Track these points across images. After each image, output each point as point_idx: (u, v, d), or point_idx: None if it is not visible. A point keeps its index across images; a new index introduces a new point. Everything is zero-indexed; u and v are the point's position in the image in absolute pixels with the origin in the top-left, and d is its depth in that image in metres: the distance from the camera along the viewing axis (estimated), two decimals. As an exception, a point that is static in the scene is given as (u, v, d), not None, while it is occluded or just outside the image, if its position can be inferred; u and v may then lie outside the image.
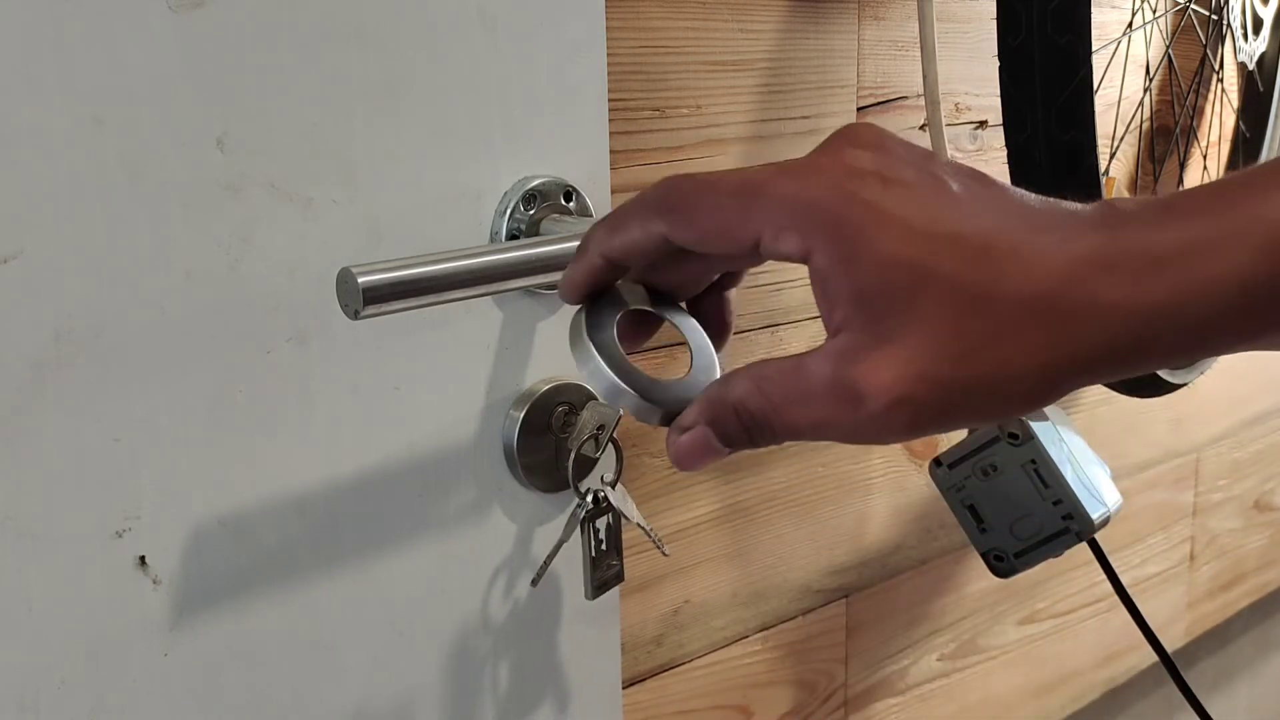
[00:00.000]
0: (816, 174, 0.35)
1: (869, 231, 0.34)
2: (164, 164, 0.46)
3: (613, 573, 0.62)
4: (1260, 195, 0.33)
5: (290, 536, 0.52)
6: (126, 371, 0.46)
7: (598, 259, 0.40)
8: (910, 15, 0.89)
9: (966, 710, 1.11)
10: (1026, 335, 0.34)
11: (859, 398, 0.34)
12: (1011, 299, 0.33)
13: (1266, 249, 0.33)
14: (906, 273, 0.34)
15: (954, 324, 0.34)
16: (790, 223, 0.35)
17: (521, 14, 0.55)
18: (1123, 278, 0.33)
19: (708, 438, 0.38)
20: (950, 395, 0.34)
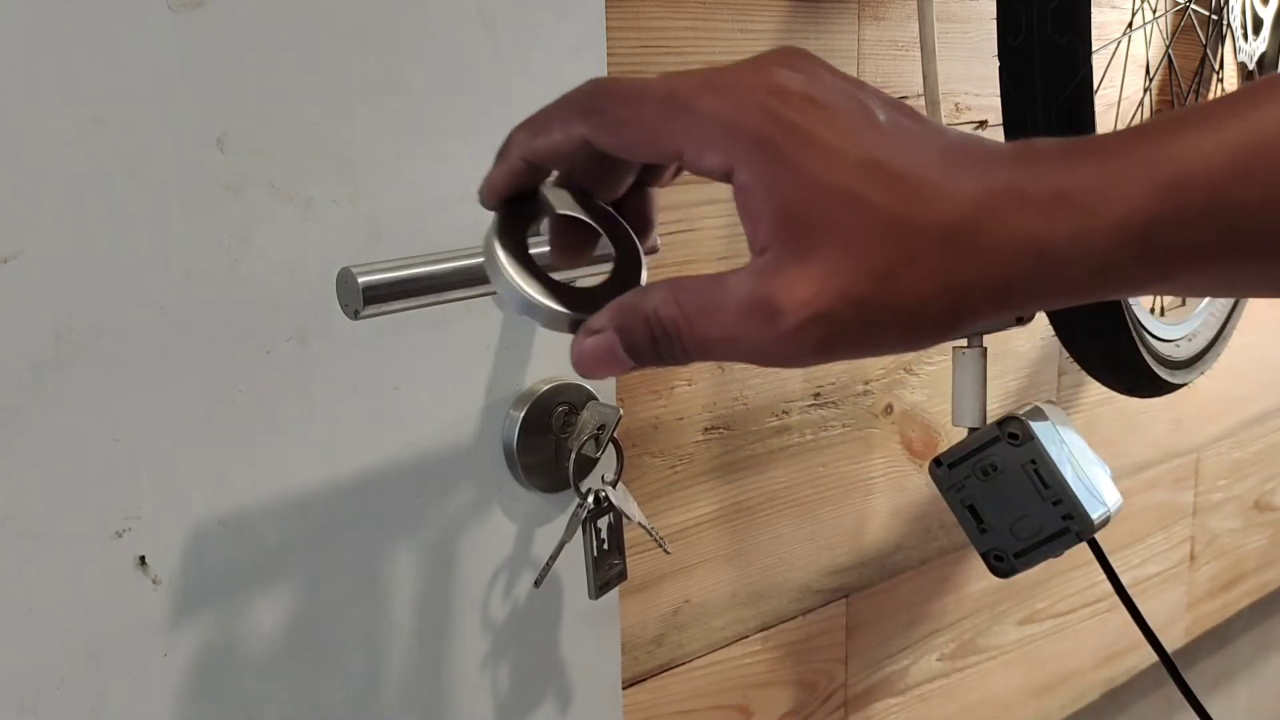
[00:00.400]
0: (744, 91, 0.35)
1: (794, 153, 0.34)
2: (164, 164, 0.46)
3: (615, 572, 0.62)
4: (1172, 136, 0.34)
5: (290, 536, 0.52)
6: (127, 371, 0.46)
7: (518, 161, 0.39)
8: (910, 15, 0.89)
9: (966, 710, 1.11)
10: (941, 261, 0.34)
11: (775, 312, 0.34)
12: (929, 226, 0.34)
13: (1171, 186, 0.33)
14: (830, 194, 0.34)
15: (874, 246, 0.34)
16: (715, 139, 0.35)
17: (521, 14, 0.55)
18: (1031, 213, 0.34)
19: (613, 344, 0.37)
20: (864, 315, 0.35)
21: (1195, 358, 1.03)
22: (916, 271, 0.34)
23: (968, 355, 0.79)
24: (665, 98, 0.36)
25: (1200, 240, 0.34)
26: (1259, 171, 0.33)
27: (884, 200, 0.34)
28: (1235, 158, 0.33)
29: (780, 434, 0.87)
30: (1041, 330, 1.06)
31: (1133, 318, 0.87)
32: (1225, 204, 0.34)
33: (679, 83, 0.36)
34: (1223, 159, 0.33)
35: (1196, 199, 0.34)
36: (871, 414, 0.94)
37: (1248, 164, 0.33)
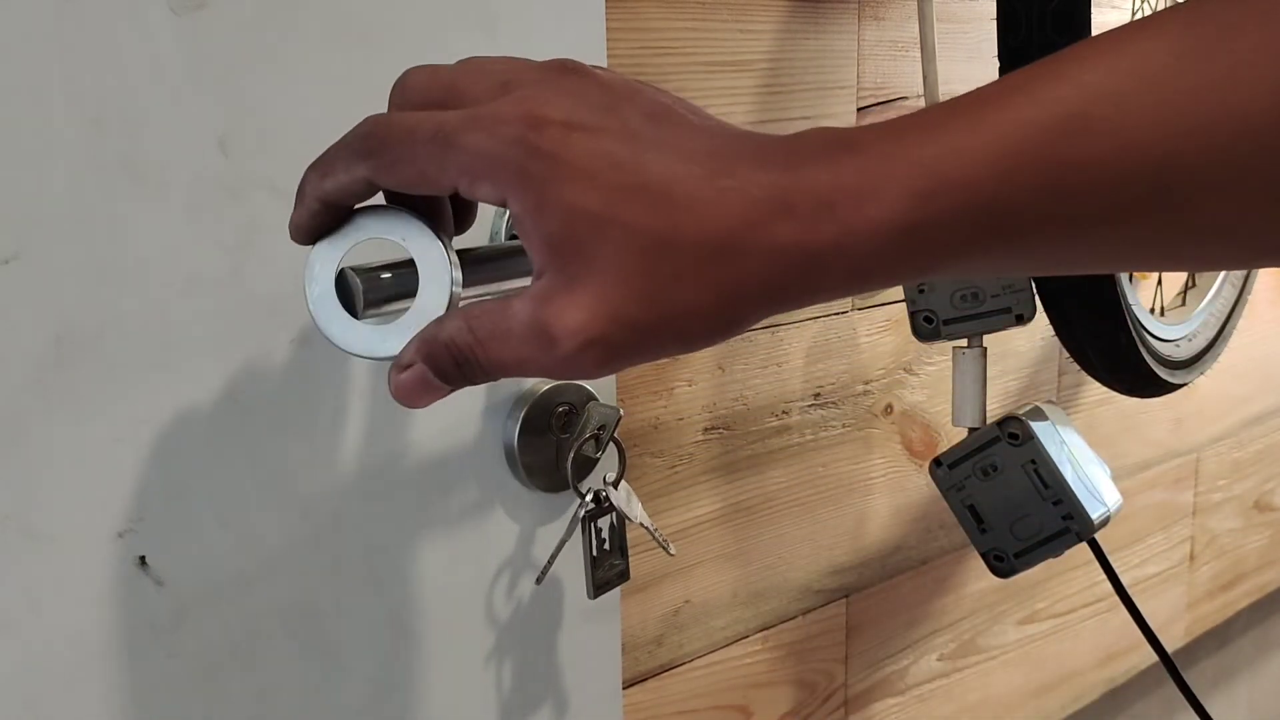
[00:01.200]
0: (504, 125, 0.36)
1: (552, 184, 0.35)
2: (165, 166, 0.46)
3: (615, 572, 0.62)
4: (933, 136, 0.35)
5: (291, 537, 0.52)
6: (128, 373, 0.46)
7: (314, 203, 0.40)
8: (910, 15, 0.89)
9: (966, 710, 1.11)
10: (706, 276, 0.35)
11: (552, 340, 0.36)
12: (692, 243, 0.35)
13: (927, 193, 0.34)
14: (589, 222, 0.35)
15: (638, 269, 0.35)
16: (482, 174, 0.36)
17: (521, 14, 0.55)
18: (794, 221, 0.35)
19: (425, 375, 0.39)
20: (636, 334, 0.36)
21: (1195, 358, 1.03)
22: (684, 287, 0.35)
23: (968, 355, 0.79)
24: (432, 136, 0.37)
25: (961, 239, 0.35)
26: (1017, 173, 0.34)
27: (645, 222, 0.35)
28: (992, 160, 0.34)
29: (780, 434, 0.87)
30: (1041, 330, 1.06)
31: (1133, 318, 0.87)
32: (983, 206, 0.34)
33: (445, 120, 0.37)
34: (979, 162, 0.34)
35: (953, 202, 0.34)
36: (871, 414, 0.94)
37: (1005, 166, 0.34)
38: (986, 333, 0.78)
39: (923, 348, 0.97)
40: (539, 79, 0.38)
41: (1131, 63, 0.34)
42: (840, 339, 0.91)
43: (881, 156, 0.35)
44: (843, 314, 0.91)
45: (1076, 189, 0.34)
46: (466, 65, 0.39)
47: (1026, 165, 0.34)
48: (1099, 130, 0.34)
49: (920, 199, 0.34)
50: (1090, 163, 0.34)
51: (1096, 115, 0.34)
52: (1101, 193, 0.34)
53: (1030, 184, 0.34)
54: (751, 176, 0.35)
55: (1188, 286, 1.14)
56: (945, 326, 0.78)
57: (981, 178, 0.34)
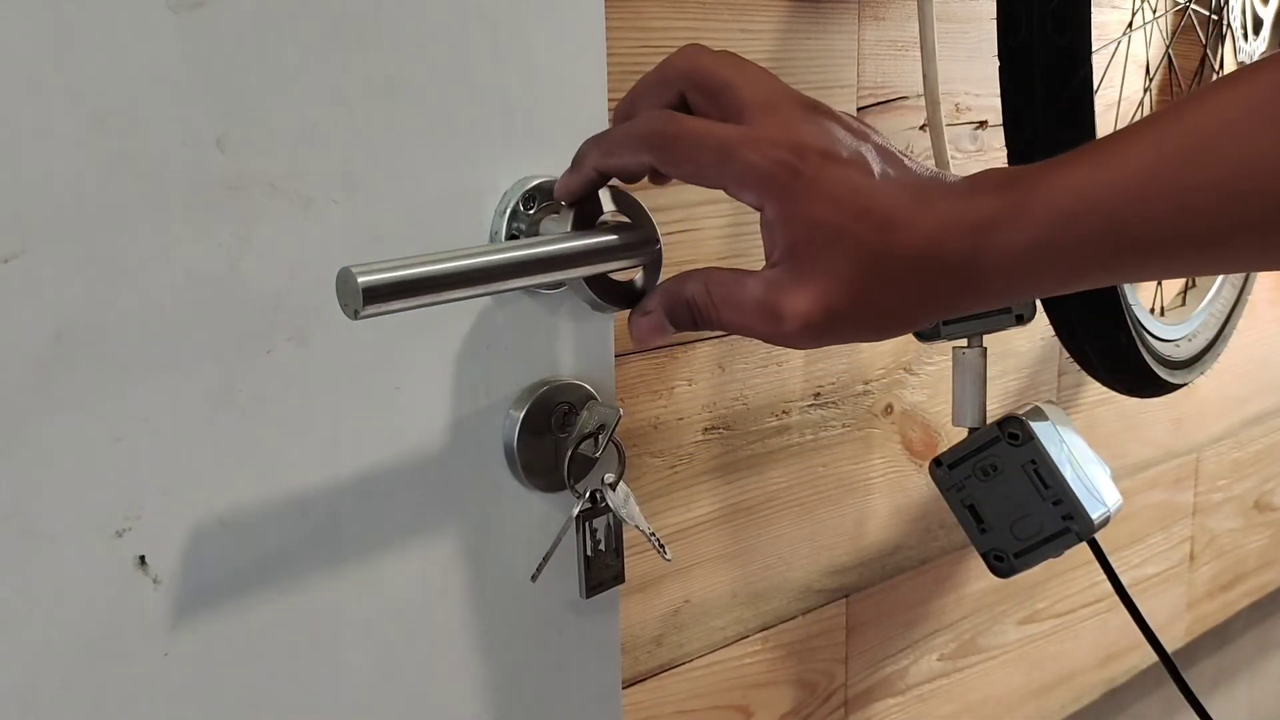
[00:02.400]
0: (775, 148, 0.45)
1: (805, 200, 0.45)
2: (164, 164, 0.46)
3: (610, 573, 0.62)
4: (1067, 170, 0.44)
5: (290, 536, 0.52)
6: (127, 371, 0.46)
7: (593, 173, 0.51)
8: (910, 15, 0.89)
9: (966, 710, 1.11)
10: (904, 284, 0.46)
11: (779, 317, 0.46)
12: (898, 257, 0.45)
13: (1064, 217, 0.43)
14: (827, 234, 0.45)
15: (856, 273, 0.45)
16: (749, 184, 0.46)
17: (521, 14, 0.55)
18: (966, 240, 0.45)
19: (662, 322, 0.50)
20: (843, 323, 0.46)
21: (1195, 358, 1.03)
22: (887, 292, 0.46)
23: (968, 355, 0.79)
24: (717, 147, 0.46)
25: (1099, 254, 0.44)
26: (1145, 197, 0.42)
27: (867, 237, 0.45)
28: (1123, 186, 0.42)
29: (780, 434, 0.87)
30: (1041, 330, 1.06)
31: (1133, 318, 0.87)
32: (1117, 226, 0.43)
33: (727, 134, 0.46)
34: (1113, 187, 0.43)
35: (1092, 223, 0.43)
36: (871, 414, 0.94)
37: (1135, 191, 0.42)
38: (986, 333, 0.78)
39: (923, 348, 0.97)
40: (799, 110, 0.47)
41: (1240, 96, 0.41)
42: (840, 339, 0.91)
43: (1033, 187, 0.44)
44: (843, 314, 0.90)
45: (1197, 209, 0.41)
46: (743, 73, 0.48)
47: (1153, 190, 0.42)
48: (1212, 158, 0.41)
49: (1064, 221, 0.43)
50: (1207, 186, 0.41)
51: (1211, 144, 0.41)
52: (1218, 212, 0.41)
53: (1157, 206, 0.42)
54: (943, 206, 0.45)
55: (1188, 287, 1.14)
56: (945, 326, 0.78)
57: (1116, 202, 0.42)
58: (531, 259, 0.50)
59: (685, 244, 0.77)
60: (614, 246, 0.52)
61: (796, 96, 0.48)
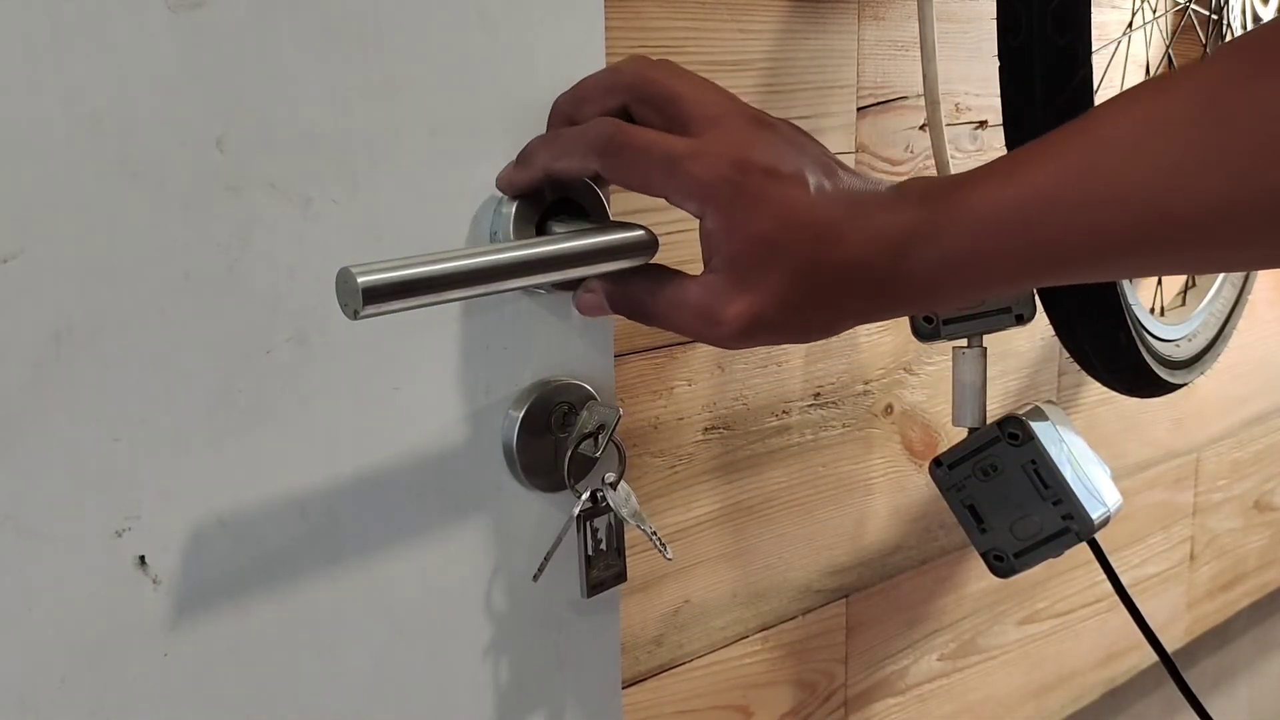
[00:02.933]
0: (719, 163, 0.48)
1: (746, 214, 0.48)
2: (163, 164, 0.46)
3: (612, 573, 0.62)
4: (977, 189, 0.47)
5: (290, 536, 0.52)
6: (126, 371, 0.46)
7: (540, 172, 0.53)
8: (910, 15, 0.89)
9: (966, 710, 1.11)
10: (833, 292, 0.49)
11: (715, 320, 0.49)
12: (830, 268, 0.48)
13: (963, 236, 0.46)
14: (765, 247, 0.48)
15: (789, 285, 0.48)
16: (693, 195, 0.49)
17: (521, 14, 0.55)
18: (892, 252, 0.48)
19: (603, 304, 0.54)
20: (772, 327, 0.49)
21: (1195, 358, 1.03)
22: (816, 298, 0.49)
23: (968, 355, 0.79)
24: (664, 159, 0.49)
25: (1005, 266, 0.47)
26: (1045, 212, 0.45)
27: (801, 251, 0.48)
28: (1024, 204, 0.45)
29: (780, 434, 0.87)
30: (1041, 330, 1.06)
31: (1133, 318, 0.87)
32: (1020, 238, 0.46)
33: (674, 148, 0.49)
34: (1014, 206, 0.45)
35: (998, 239, 0.46)
36: (871, 414, 0.94)
37: (1036, 208, 0.45)
38: (986, 333, 0.78)
39: (923, 348, 0.97)
40: (743, 124, 0.50)
41: (1139, 112, 0.44)
42: (840, 339, 0.91)
43: (945, 202, 0.47)
44: (842, 314, 0.90)
45: (1099, 223, 0.44)
46: (690, 85, 0.51)
47: (1056, 205, 0.44)
48: (1110, 174, 0.43)
49: (971, 236, 0.46)
50: (1106, 200, 0.43)
51: (1110, 160, 0.43)
52: (1119, 225, 0.43)
53: (1060, 220, 0.44)
54: (872, 219, 0.48)
55: (1188, 286, 1.14)
56: (945, 326, 0.78)
57: (1020, 217, 0.45)
58: (531, 259, 0.50)
59: (686, 244, 0.77)
60: (614, 247, 0.52)
61: (741, 110, 0.51)
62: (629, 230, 0.53)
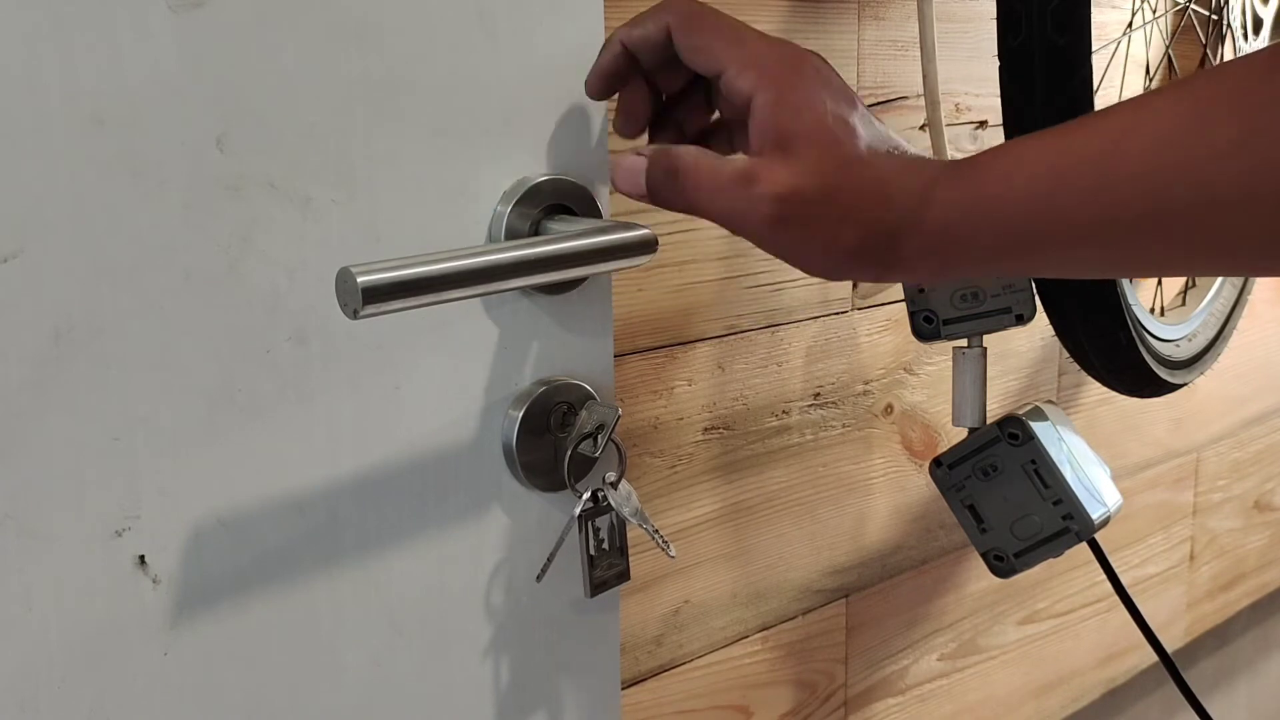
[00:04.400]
0: (781, 47, 0.51)
1: (801, 95, 0.50)
2: (164, 164, 0.46)
3: (614, 572, 0.62)
4: (985, 168, 0.48)
5: (290, 536, 0.52)
6: (126, 371, 0.46)
7: (618, 45, 0.54)
8: (910, 15, 0.89)
9: (966, 710, 1.11)
10: (860, 202, 0.49)
11: (754, 180, 0.49)
12: (868, 173, 0.49)
13: (997, 185, 0.48)
14: (816, 126, 0.49)
15: (833, 169, 0.49)
16: (751, 66, 0.50)
17: (521, 14, 0.55)
18: (916, 193, 0.49)
19: (642, 166, 0.52)
20: (805, 213, 0.49)
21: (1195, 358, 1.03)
22: (844, 198, 0.49)
23: (968, 355, 0.79)
24: (731, 30, 0.52)
25: (989, 245, 0.48)
26: (1031, 199, 0.47)
27: (847, 144, 0.49)
28: (1042, 176, 0.47)
29: (780, 434, 0.87)
30: (1041, 330, 1.06)
31: (1133, 318, 0.87)
32: (1005, 220, 0.48)
33: (743, 30, 0.52)
34: (1034, 174, 0.47)
35: (981, 219, 0.48)
36: (871, 414, 0.94)
37: (1055, 181, 0.46)
38: (986, 333, 0.78)
39: (923, 348, 0.97)
40: (798, 51, 0.52)
41: (1107, 129, 0.46)
42: (840, 339, 0.91)
43: (976, 163, 0.49)
44: (843, 314, 0.91)
45: (1113, 200, 0.45)
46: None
47: (1073, 175, 0.46)
48: (1067, 189, 0.46)
49: (996, 190, 0.48)
50: (1126, 177, 0.45)
51: (1131, 147, 0.45)
52: (1095, 214, 0.45)
53: (1018, 227, 0.47)
54: (909, 158, 0.50)
55: (1188, 287, 1.14)
56: (945, 326, 0.78)
57: (1039, 185, 0.47)
58: (531, 259, 0.50)
59: (686, 244, 0.77)
60: (614, 246, 0.52)
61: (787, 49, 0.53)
62: (629, 230, 0.53)
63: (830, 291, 0.89)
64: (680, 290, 0.78)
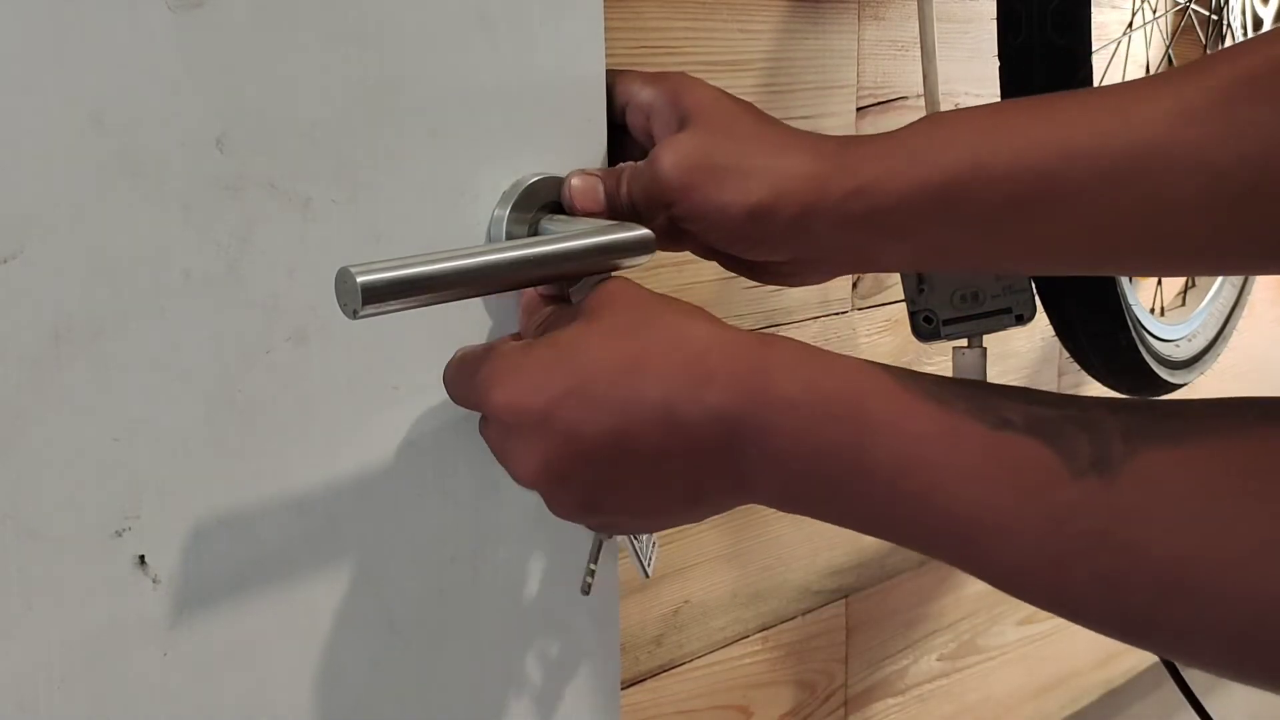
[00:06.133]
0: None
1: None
2: (163, 164, 0.46)
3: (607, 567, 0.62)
4: (860, 156, 0.51)
5: (289, 536, 0.52)
6: (126, 371, 0.46)
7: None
8: (910, 15, 0.89)
9: (966, 710, 1.11)
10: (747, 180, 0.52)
11: (656, 157, 0.52)
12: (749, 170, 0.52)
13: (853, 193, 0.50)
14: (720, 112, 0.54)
15: (707, 140, 0.52)
16: (649, 93, 0.56)
17: (521, 14, 0.55)
18: (811, 190, 0.51)
19: (596, 185, 0.55)
20: (707, 167, 0.52)
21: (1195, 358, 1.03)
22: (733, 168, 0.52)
23: (968, 355, 0.79)
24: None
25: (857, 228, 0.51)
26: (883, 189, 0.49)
27: (734, 141, 0.53)
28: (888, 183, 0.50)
29: (780, 434, 0.87)
30: (1041, 330, 1.06)
31: (1133, 318, 0.87)
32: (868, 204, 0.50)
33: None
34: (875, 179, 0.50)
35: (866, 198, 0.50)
36: (871, 414, 0.94)
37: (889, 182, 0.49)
38: (986, 333, 0.78)
39: (923, 348, 0.97)
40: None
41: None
42: (840, 339, 0.91)
43: (840, 158, 0.51)
44: (843, 314, 0.91)
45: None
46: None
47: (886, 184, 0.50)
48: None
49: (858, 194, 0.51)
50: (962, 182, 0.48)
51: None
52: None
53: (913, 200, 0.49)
54: (779, 164, 0.52)
55: (1188, 287, 1.14)
56: (945, 326, 0.78)
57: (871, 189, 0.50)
58: (530, 259, 0.50)
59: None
60: (614, 246, 0.52)
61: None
62: (628, 230, 0.53)
63: (830, 292, 0.89)
64: (680, 290, 0.78)
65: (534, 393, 0.46)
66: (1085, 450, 0.38)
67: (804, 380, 0.43)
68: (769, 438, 0.43)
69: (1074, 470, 0.38)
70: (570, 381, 0.45)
